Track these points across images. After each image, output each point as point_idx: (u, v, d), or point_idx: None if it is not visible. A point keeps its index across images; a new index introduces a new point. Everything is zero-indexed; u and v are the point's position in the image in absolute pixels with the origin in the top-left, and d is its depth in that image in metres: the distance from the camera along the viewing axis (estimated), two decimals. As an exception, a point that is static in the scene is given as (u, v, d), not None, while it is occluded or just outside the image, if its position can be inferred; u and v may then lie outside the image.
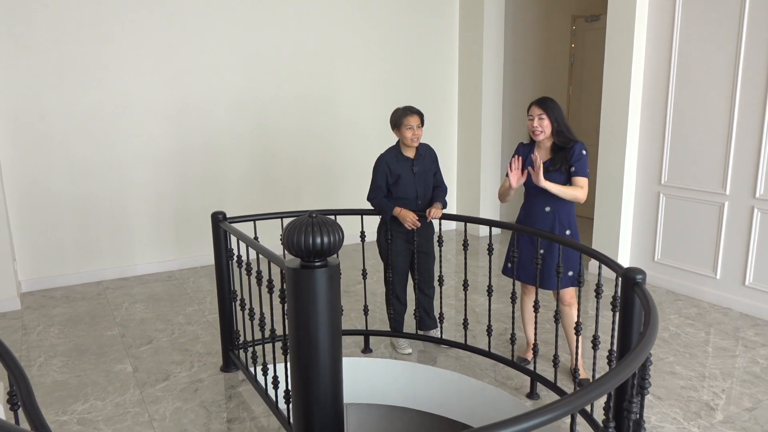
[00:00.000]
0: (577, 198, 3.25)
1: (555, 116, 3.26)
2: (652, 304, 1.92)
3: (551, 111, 3.26)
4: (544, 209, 3.35)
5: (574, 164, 3.24)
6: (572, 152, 3.25)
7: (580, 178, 3.24)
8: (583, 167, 3.25)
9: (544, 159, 3.35)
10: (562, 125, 3.27)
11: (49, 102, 5.03)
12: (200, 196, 5.76)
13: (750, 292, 4.38)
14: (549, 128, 3.27)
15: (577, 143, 3.27)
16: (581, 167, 3.24)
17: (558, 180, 3.28)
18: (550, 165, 3.31)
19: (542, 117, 3.26)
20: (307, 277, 2.26)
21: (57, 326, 4.42)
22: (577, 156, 3.24)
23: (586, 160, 3.27)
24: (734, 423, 3.02)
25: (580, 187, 3.24)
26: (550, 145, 3.34)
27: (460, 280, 5.25)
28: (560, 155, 3.29)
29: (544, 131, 3.28)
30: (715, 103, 4.47)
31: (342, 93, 6.34)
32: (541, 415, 1.33)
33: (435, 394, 3.75)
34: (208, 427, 3.10)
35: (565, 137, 3.28)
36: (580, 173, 3.24)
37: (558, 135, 3.28)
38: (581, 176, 3.24)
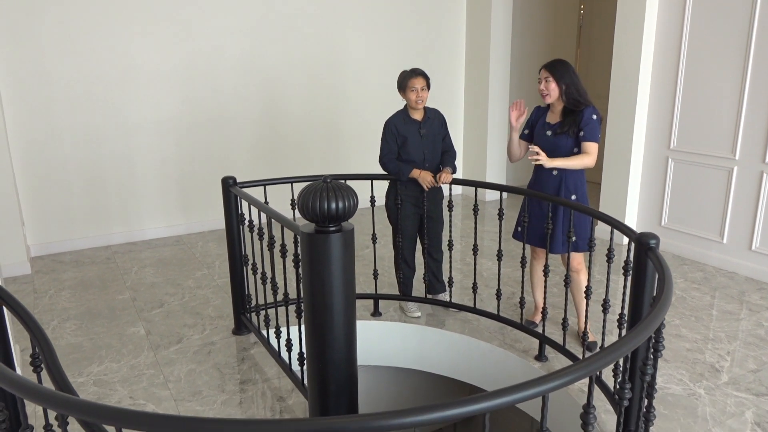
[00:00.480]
0: (585, 165, 3.24)
1: (564, 79, 3.23)
2: (666, 268, 1.94)
3: (559, 74, 3.24)
4: (552, 172, 3.36)
5: (584, 128, 3.21)
6: (582, 116, 3.23)
7: (588, 144, 3.22)
8: (593, 132, 3.22)
9: (555, 122, 3.34)
10: (572, 88, 3.24)
11: (54, 66, 4.98)
12: (207, 161, 5.76)
13: (756, 256, 4.41)
14: (556, 91, 3.26)
15: (588, 107, 3.25)
16: (590, 132, 3.21)
17: (565, 144, 3.27)
18: (558, 128, 3.30)
19: (549, 80, 3.26)
20: (321, 242, 2.27)
21: (68, 290, 4.47)
22: (587, 120, 3.22)
23: (597, 124, 3.23)
24: (739, 384, 3.08)
25: (588, 154, 3.22)
26: (561, 108, 3.32)
27: (467, 245, 5.28)
28: (570, 119, 3.27)
29: (550, 94, 3.27)
30: (727, 67, 4.42)
31: (349, 56, 6.27)
32: (564, 376, 1.36)
33: (443, 357, 3.81)
34: (222, 388, 3.16)
35: (575, 100, 3.25)
36: (588, 138, 3.22)
37: (568, 98, 3.25)
38: (590, 141, 3.22)
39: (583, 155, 3.23)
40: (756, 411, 2.85)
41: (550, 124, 3.37)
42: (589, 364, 1.43)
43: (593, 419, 1.51)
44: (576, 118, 3.25)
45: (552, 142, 3.32)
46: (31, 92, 4.94)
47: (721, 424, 2.75)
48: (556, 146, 3.30)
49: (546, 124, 3.38)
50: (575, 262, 3.40)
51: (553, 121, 3.36)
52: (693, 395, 2.98)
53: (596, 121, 3.24)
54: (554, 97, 3.28)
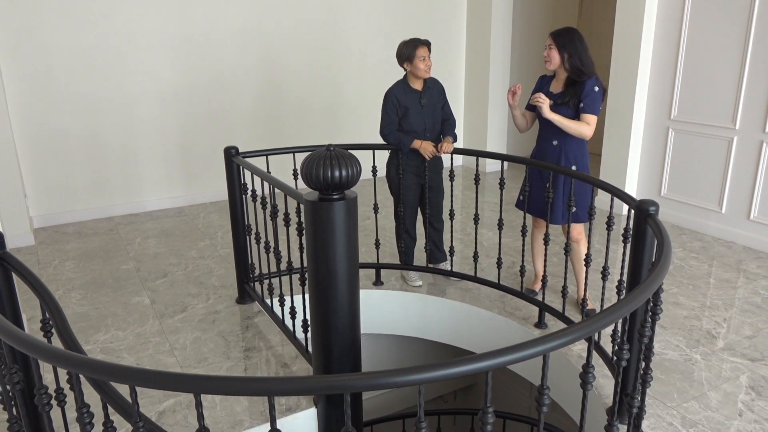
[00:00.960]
0: (581, 134, 3.25)
1: (567, 48, 3.22)
2: (665, 234, 1.97)
3: (561, 42, 3.22)
4: (552, 143, 3.37)
5: (584, 100, 3.21)
6: (583, 87, 3.22)
7: (587, 115, 3.22)
8: (593, 104, 3.21)
9: (557, 92, 3.34)
10: (575, 58, 3.22)
11: (54, 37, 4.95)
12: (207, 132, 5.76)
13: (754, 225, 4.45)
14: (556, 59, 3.25)
15: (591, 78, 3.23)
16: (590, 104, 3.21)
17: (567, 113, 3.27)
18: (559, 98, 3.30)
19: (551, 47, 3.25)
20: (325, 210, 2.30)
21: (72, 261, 4.51)
22: (588, 92, 3.21)
23: (598, 97, 3.23)
24: (734, 350, 3.14)
25: (586, 124, 3.22)
26: (564, 77, 3.32)
27: (468, 215, 5.31)
28: (571, 90, 3.27)
29: (551, 61, 3.27)
30: (729, 37, 4.40)
31: (350, 26, 6.23)
32: (564, 336, 1.40)
33: (445, 325, 3.87)
34: (227, 355, 3.22)
35: (577, 70, 3.24)
36: (587, 110, 3.22)
37: (570, 67, 3.24)
38: (589, 113, 3.22)
39: (580, 123, 3.24)
40: (750, 375, 2.91)
41: (553, 93, 3.36)
42: (588, 324, 1.47)
43: (592, 378, 1.55)
44: (577, 89, 3.25)
45: (552, 110, 3.31)
46: (30, 63, 4.92)
47: (716, 388, 2.81)
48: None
49: (549, 94, 3.37)
50: (575, 232, 3.43)
51: (555, 91, 3.36)
52: (689, 360, 3.04)
53: (598, 93, 3.23)
54: (555, 64, 3.28)
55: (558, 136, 3.33)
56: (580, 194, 3.29)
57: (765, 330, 3.33)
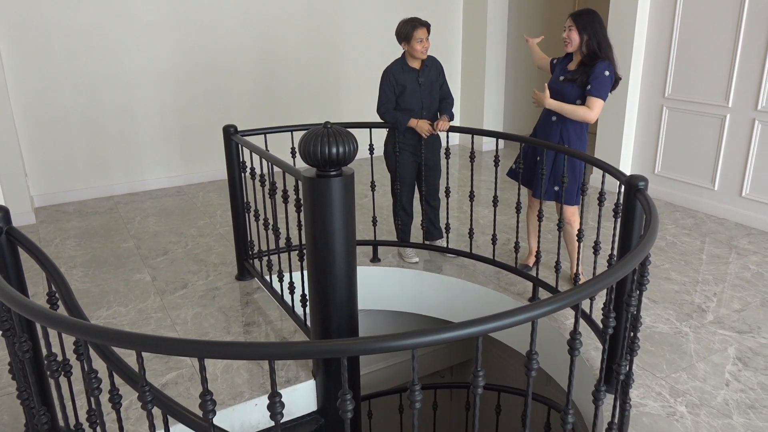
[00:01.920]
0: (582, 117, 3.27)
1: (587, 30, 3.23)
2: (653, 207, 2.02)
3: (582, 24, 3.24)
4: (551, 118, 3.42)
5: (592, 82, 3.22)
6: (593, 69, 3.23)
7: (593, 99, 3.23)
8: (600, 88, 3.22)
9: (570, 69, 3.39)
10: (593, 41, 3.24)
11: (52, 18, 4.96)
12: (206, 111, 5.78)
13: (746, 202, 4.51)
14: (577, 41, 3.27)
15: (602, 62, 3.23)
16: (597, 87, 3.22)
17: (570, 92, 3.31)
18: (570, 75, 3.34)
19: (571, 29, 3.28)
20: (323, 186, 2.35)
21: (73, 239, 4.56)
22: (596, 75, 3.22)
23: (607, 81, 3.23)
24: (723, 323, 3.21)
25: (589, 108, 3.24)
26: (580, 59, 3.34)
27: (464, 193, 5.36)
28: (582, 68, 3.29)
29: (571, 42, 3.29)
30: (723, 15, 4.42)
31: (347, 4, 6.22)
32: (552, 303, 1.46)
33: (441, 300, 3.94)
34: (228, 330, 3.29)
35: (593, 53, 3.25)
36: (594, 93, 3.23)
37: (587, 49, 3.26)
38: (595, 96, 3.23)
39: (582, 107, 3.26)
40: (738, 347, 2.99)
41: (566, 69, 3.41)
42: (575, 293, 1.53)
43: (579, 345, 1.62)
44: (588, 69, 3.26)
45: (559, 87, 3.36)
46: (30, 43, 4.93)
47: (704, 359, 2.89)
48: (562, 92, 3.35)
49: (562, 69, 3.43)
50: (568, 213, 3.48)
51: (569, 68, 3.40)
52: (679, 333, 3.12)
53: (607, 78, 3.23)
54: (575, 46, 3.30)
55: (557, 113, 3.37)
56: (570, 176, 3.30)
57: (753, 304, 3.41)
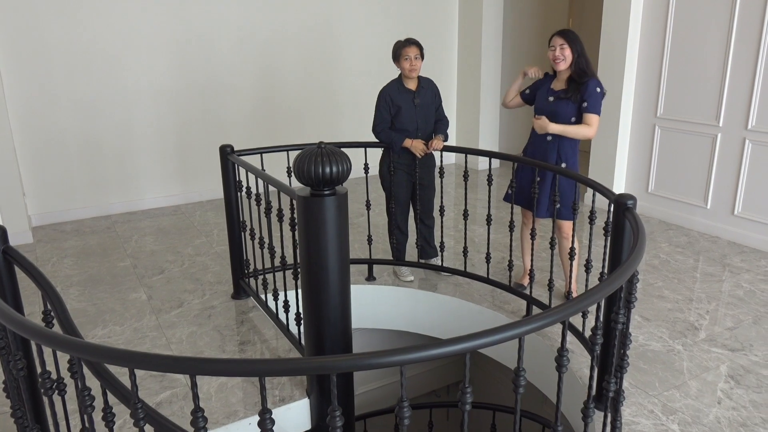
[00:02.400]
0: (585, 135, 3.34)
1: (577, 47, 3.32)
2: (640, 225, 2.06)
3: (573, 42, 3.32)
4: (546, 138, 3.45)
5: (588, 100, 3.30)
6: (586, 87, 3.32)
7: (591, 115, 3.31)
8: (596, 104, 3.31)
9: (558, 89, 3.43)
10: (582, 58, 3.34)
11: (52, 35, 5.03)
12: (204, 131, 5.83)
13: (738, 221, 4.55)
14: (570, 57, 3.34)
15: (593, 79, 3.33)
16: (594, 104, 3.30)
17: (565, 110, 3.36)
18: (563, 93, 3.39)
19: (564, 47, 3.32)
20: (317, 205, 2.39)
21: (70, 258, 4.58)
22: (591, 92, 3.30)
23: (600, 97, 3.32)
24: (715, 340, 3.23)
25: (588, 125, 3.31)
26: (566, 77, 3.41)
27: (460, 212, 5.40)
28: (575, 85, 3.36)
29: (565, 59, 3.33)
30: (712, 36, 4.50)
31: (344, 25, 6.31)
32: (539, 320, 1.49)
33: (436, 319, 3.95)
34: (223, 348, 3.30)
35: (582, 70, 3.34)
36: (591, 110, 3.30)
37: (577, 67, 3.34)
38: (592, 113, 3.30)
39: (582, 125, 3.32)
40: (730, 365, 3.01)
41: (554, 90, 3.45)
42: (562, 309, 1.56)
43: (566, 361, 1.64)
44: (580, 87, 3.34)
45: (552, 106, 3.41)
46: (29, 61, 5.00)
47: (696, 377, 2.90)
48: (556, 112, 3.40)
49: (550, 90, 3.47)
50: (565, 228, 3.52)
51: (556, 88, 3.45)
52: (672, 351, 3.14)
53: (600, 94, 3.33)
54: (569, 62, 3.35)
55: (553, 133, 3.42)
56: (566, 192, 3.38)
57: (746, 322, 3.43)
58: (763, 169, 4.34)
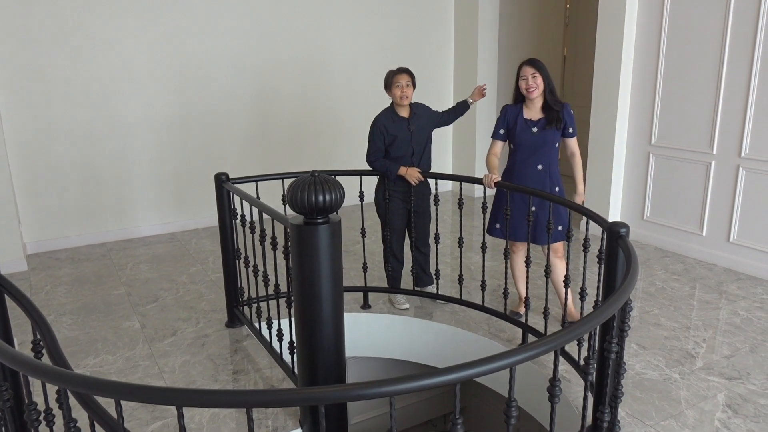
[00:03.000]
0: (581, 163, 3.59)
1: (546, 75, 3.44)
2: (633, 254, 2.05)
3: (543, 70, 3.43)
4: (537, 167, 3.50)
5: (571, 125, 3.47)
6: (565, 112, 3.46)
7: (574, 139, 3.51)
8: (575, 127, 3.51)
9: (536, 118, 3.50)
10: (551, 84, 3.46)
11: (49, 65, 5.07)
12: (200, 159, 5.85)
13: (734, 248, 4.55)
14: (542, 86, 3.43)
15: (567, 104, 3.50)
16: (575, 128, 3.50)
17: (552, 138, 3.47)
18: (546, 124, 3.46)
19: (535, 75, 3.42)
20: (310, 233, 2.38)
21: (64, 286, 4.56)
22: (569, 115, 3.47)
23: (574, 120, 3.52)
24: (712, 369, 3.20)
25: (577, 152, 3.56)
26: (540, 105, 3.49)
27: (456, 239, 5.38)
28: (553, 114, 3.45)
29: (538, 87, 3.42)
30: (704, 65, 4.55)
31: (337, 54, 6.38)
32: (530, 350, 1.47)
33: (431, 347, 3.92)
34: (216, 378, 3.27)
35: (555, 97, 3.47)
36: (575, 134, 3.50)
37: (551, 94, 3.45)
38: (575, 136, 3.51)
39: (575, 158, 3.55)
40: (728, 394, 2.98)
41: (532, 120, 3.50)
42: (554, 339, 1.55)
43: (559, 392, 1.62)
44: (559, 113, 3.45)
45: (539, 137, 3.48)
46: (26, 90, 5.03)
47: (693, 407, 2.87)
48: (544, 141, 3.48)
49: (527, 122, 3.51)
50: (561, 248, 3.60)
51: (534, 118, 3.51)
52: (668, 380, 3.11)
53: (573, 117, 3.51)
54: (541, 91, 3.44)
55: (543, 160, 3.50)
56: (563, 214, 3.47)
57: (743, 350, 3.41)
58: (758, 196, 4.36)
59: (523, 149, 3.54)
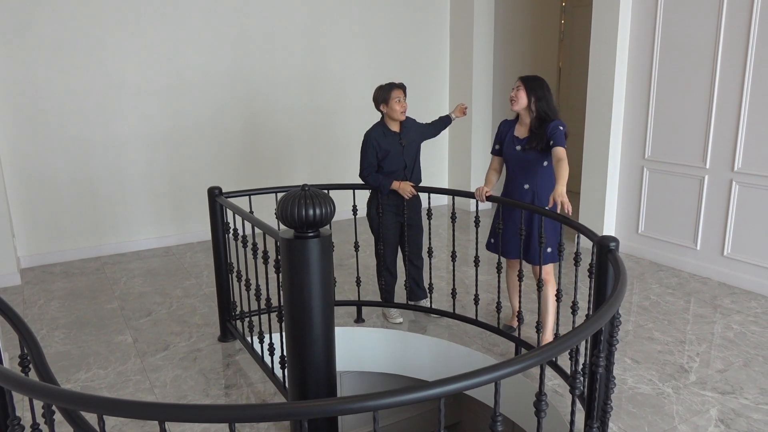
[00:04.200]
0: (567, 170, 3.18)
1: (536, 92, 3.32)
2: (622, 267, 2.06)
3: (530, 85, 3.32)
4: (523, 186, 3.42)
5: (552, 136, 3.24)
6: (548, 128, 3.28)
7: (559, 149, 3.21)
8: (560, 138, 3.24)
9: (522, 136, 3.42)
10: (543, 102, 3.32)
11: (45, 80, 5.09)
12: (195, 173, 5.86)
13: (728, 262, 4.55)
14: (524, 100, 3.32)
15: (555, 120, 3.30)
16: (558, 138, 3.23)
17: (535, 158, 3.35)
18: (526, 143, 3.37)
19: (519, 88, 3.33)
20: (300, 247, 2.38)
21: (57, 300, 4.55)
22: (553, 129, 3.25)
23: (563, 133, 3.27)
24: (705, 383, 3.19)
25: (563, 158, 3.18)
26: (529, 122, 3.39)
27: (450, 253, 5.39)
28: (537, 134, 3.32)
29: (518, 101, 3.33)
30: (696, 80, 4.58)
31: (331, 70, 6.41)
32: (515, 364, 1.47)
33: (425, 361, 3.91)
34: (207, 392, 3.25)
35: (544, 113, 3.32)
36: (559, 143, 3.22)
37: (538, 111, 3.33)
38: (560, 146, 3.22)
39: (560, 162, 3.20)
40: (721, 408, 2.96)
41: (519, 138, 3.43)
42: (540, 353, 1.54)
43: (545, 406, 1.62)
44: (542, 134, 3.31)
45: (522, 157, 3.39)
46: (22, 105, 5.05)
47: (686, 421, 2.86)
48: (527, 161, 3.38)
49: (515, 139, 3.45)
50: (544, 272, 3.40)
51: (521, 135, 3.43)
52: (661, 394, 3.09)
53: (562, 131, 3.28)
54: (521, 105, 3.34)
55: (530, 180, 3.40)
56: (552, 234, 3.34)
57: (736, 364, 3.40)
58: (751, 210, 4.37)
59: (511, 167, 3.49)
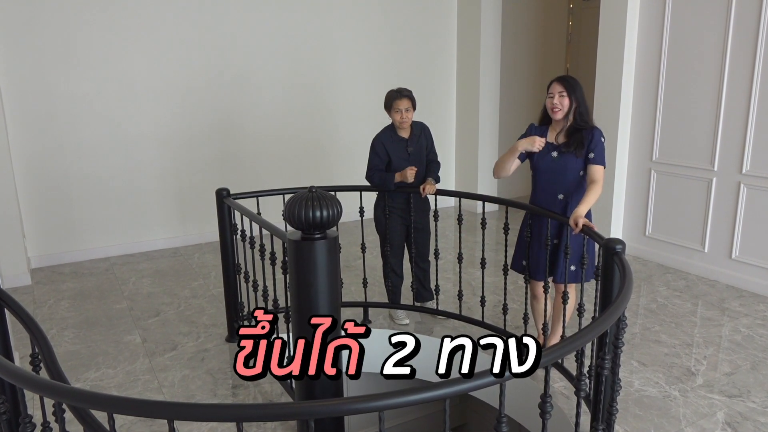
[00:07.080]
0: (599, 194, 3.04)
1: (576, 95, 3.09)
2: (628, 270, 2.06)
3: (573, 90, 3.09)
4: (557, 197, 3.20)
5: (594, 150, 3.06)
6: (591, 136, 3.08)
7: (598, 167, 3.05)
8: (602, 155, 3.07)
9: (559, 142, 3.18)
10: (583, 106, 3.12)
11: (55, 82, 5.14)
12: (204, 175, 5.90)
13: (736, 264, 4.53)
14: (568, 107, 3.10)
15: (596, 128, 3.12)
16: (600, 154, 3.06)
17: (573, 165, 3.13)
18: (564, 147, 3.13)
19: (563, 95, 3.08)
20: (307, 249, 2.40)
21: (67, 300, 4.59)
22: (597, 142, 3.07)
23: (604, 148, 3.10)
24: (712, 386, 3.19)
25: (596, 181, 3.04)
26: (567, 126, 3.15)
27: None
28: (577, 137, 3.11)
29: (563, 109, 3.09)
30: (705, 82, 4.57)
31: (341, 73, 6.44)
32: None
33: (431, 362, 3.91)
34: (215, 392, 3.27)
35: (584, 120, 3.13)
36: (598, 161, 3.05)
37: (579, 116, 3.12)
38: (599, 165, 3.05)
39: (594, 185, 3.02)
40: (728, 412, 2.96)
41: (554, 144, 3.19)
42: (545, 354, 1.55)
43: (550, 408, 1.63)
44: (583, 137, 3.09)
45: (558, 163, 3.16)
46: (33, 107, 5.10)
47: (693, 424, 2.86)
48: (565, 168, 3.15)
49: (549, 145, 3.19)
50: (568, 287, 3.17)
51: (556, 142, 3.19)
52: (668, 397, 3.09)
53: (603, 144, 3.11)
54: (565, 112, 3.11)
55: (564, 189, 3.18)
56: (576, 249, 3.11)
57: (744, 367, 3.39)
58: (760, 213, 4.35)
59: (542, 175, 3.23)
